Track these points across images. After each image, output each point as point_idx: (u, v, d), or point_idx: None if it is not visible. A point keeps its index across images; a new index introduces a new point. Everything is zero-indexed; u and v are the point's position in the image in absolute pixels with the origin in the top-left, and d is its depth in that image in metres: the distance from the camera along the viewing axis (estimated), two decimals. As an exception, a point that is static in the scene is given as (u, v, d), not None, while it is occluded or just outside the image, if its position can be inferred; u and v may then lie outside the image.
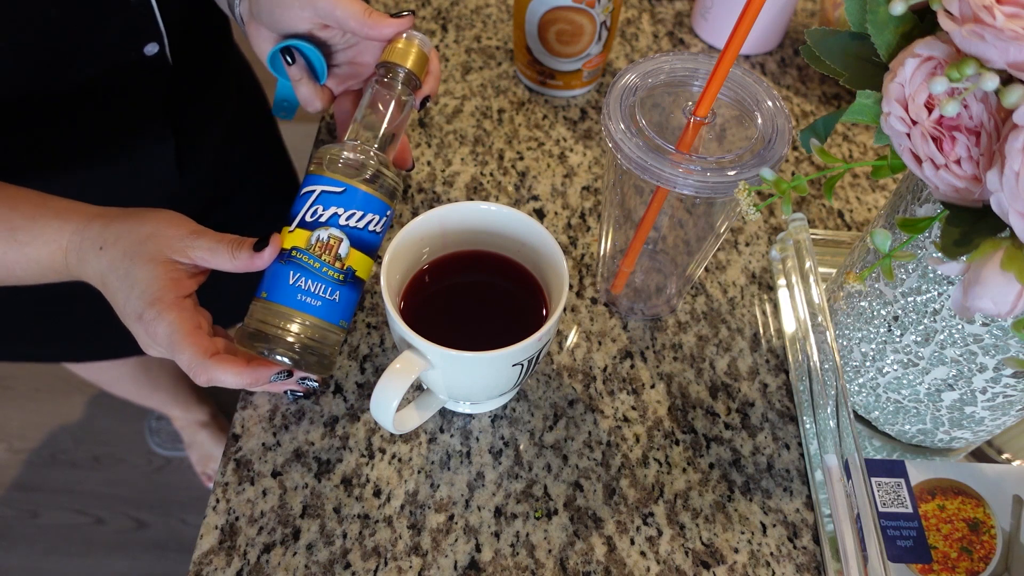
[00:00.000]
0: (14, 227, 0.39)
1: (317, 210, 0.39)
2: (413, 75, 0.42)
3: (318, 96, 0.45)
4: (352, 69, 0.46)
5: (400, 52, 0.41)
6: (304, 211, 0.39)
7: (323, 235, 0.39)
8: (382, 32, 0.41)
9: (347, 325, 0.41)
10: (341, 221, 0.39)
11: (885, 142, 0.31)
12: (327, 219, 0.39)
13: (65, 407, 1.35)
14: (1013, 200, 0.25)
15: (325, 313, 0.39)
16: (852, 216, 0.60)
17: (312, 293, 0.38)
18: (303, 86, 0.44)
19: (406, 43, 0.41)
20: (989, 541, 0.42)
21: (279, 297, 0.38)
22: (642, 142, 0.38)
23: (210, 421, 1.23)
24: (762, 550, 0.43)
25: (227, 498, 0.43)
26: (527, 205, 0.59)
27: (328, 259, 0.39)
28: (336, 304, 0.39)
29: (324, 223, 0.39)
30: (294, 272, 0.38)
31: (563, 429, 0.47)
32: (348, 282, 0.39)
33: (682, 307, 0.53)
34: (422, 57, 0.42)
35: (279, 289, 0.39)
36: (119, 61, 0.51)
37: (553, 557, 0.42)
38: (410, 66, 0.41)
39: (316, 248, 0.38)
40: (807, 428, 0.47)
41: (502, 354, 0.37)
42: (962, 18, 0.26)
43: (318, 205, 0.39)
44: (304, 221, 0.39)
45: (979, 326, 0.36)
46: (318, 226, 0.39)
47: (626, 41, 0.73)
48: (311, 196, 0.39)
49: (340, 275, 0.39)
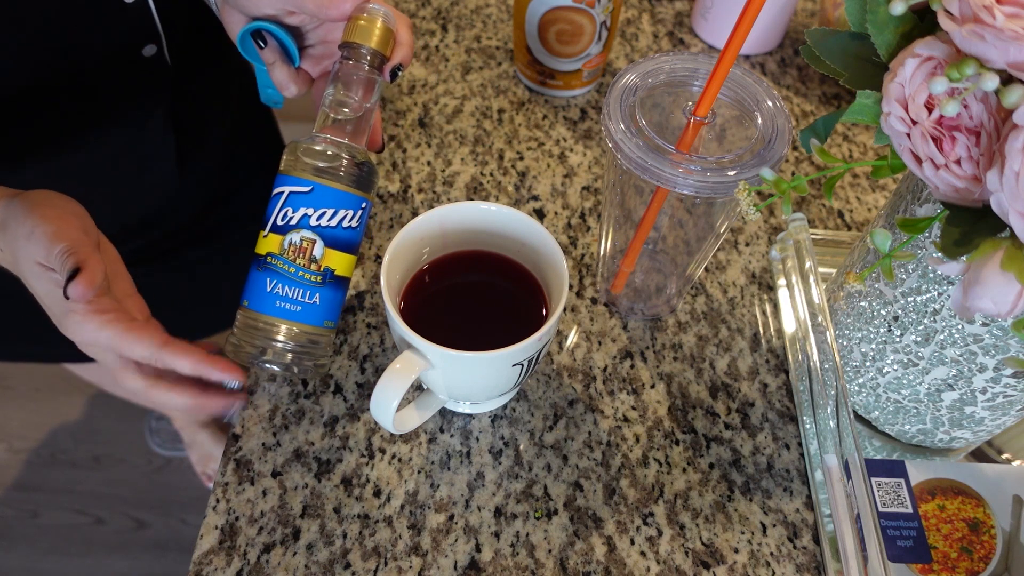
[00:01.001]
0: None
1: (287, 212, 0.37)
2: (377, 53, 0.39)
3: (292, 80, 0.43)
4: (326, 48, 0.44)
5: (361, 30, 0.38)
6: (275, 215, 0.38)
7: (295, 238, 0.37)
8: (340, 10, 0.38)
9: (334, 325, 0.40)
10: (312, 222, 0.37)
11: (885, 142, 0.31)
12: (297, 221, 0.37)
13: (65, 407, 1.35)
14: (1013, 200, 0.25)
15: (307, 317, 0.38)
16: (852, 216, 0.60)
17: (291, 299, 0.37)
18: (277, 70, 0.42)
19: (367, 19, 0.39)
20: (989, 541, 0.42)
21: (259, 306, 0.38)
22: (642, 142, 0.38)
23: (210, 421, 1.23)
24: (762, 550, 0.43)
25: (227, 498, 0.43)
26: (527, 205, 0.59)
27: (303, 262, 0.37)
28: (317, 307, 0.38)
29: (295, 226, 0.37)
30: (271, 279, 0.37)
31: (563, 429, 0.47)
32: (328, 283, 0.38)
33: (682, 307, 0.53)
34: (386, 32, 0.39)
35: (258, 297, 0.38)
36: (117, 62, 0.51)
37: (553, 557, 0.42)
38: (374, 44, 0.39)
39: (290, 252, 0.37)
40: (807, 428, 0.47)
41: (502, 354, 0.37)
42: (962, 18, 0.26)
43: (287, 207, 0.37)
44: (276, 225, 0.38)
45: (979, 326, 0.36)
46: (289, 229, 0.37)
47: (626, 41, 0.73)
48: (280, 198, 0.38)
49: (318, 277, 0.38)
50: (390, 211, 0.58)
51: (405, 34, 0.42)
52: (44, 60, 0.47)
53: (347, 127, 0.39)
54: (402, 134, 0.63)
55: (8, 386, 1.38)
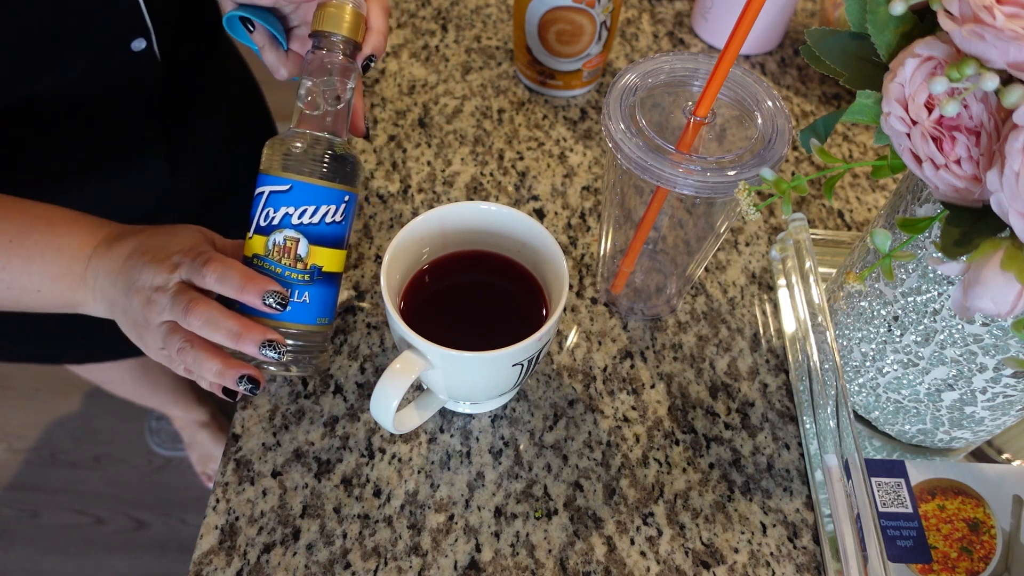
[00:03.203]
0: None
1: (268, 212, 0.37)
2: (349, 40, 0.38)
3: (282, 63, 0.43)
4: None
5: (330, 17, 0.37)
6: (257, 215, 0.37)
7: (279, 238, 0.37)
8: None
9: (328, 321, 0.40)
10: (294, 220, 0.37)
11: (885, 142, 0.31)
12: (280, 221, 0.37)
13: (65, 407, 1.35)
14: (1013, 200, 0.25)
15: (299, 317, 0.38)
16: (852, 216, 0.60)
17: None
18: (267, 53, 0.42)
19: (337, 6, 0.38)
20: (989, 541, 0.42)
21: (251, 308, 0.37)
22: (642, 142, 0.38)
23: (210, 421, 1.23)
24: (762, 550, 0.43)
25: (227, 498, 0.43)
26: (527, 205, 0.59)
27: (288, 262, 0.37)
28: (308, 305, 0.38)
29: (277, 225, 0.37)
30: None
31: (563, 429, 0.47)
32: (316, 281, 0.38)
33: (682, 307, 0.53)
34: (356, 18, 0.38)
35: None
36: (105, 57, 0.50)
37: (553, 557, 0.42)
38: (344, 32, 0.38)
39: (275, 253, 0.37)
40: (807, 428, 0.47)
41: (502, 354, 0.37)
42: (962, 18, 0.26)
43: (269, 207, 0.37)
44: (259, 226, 0.37)
45: (979, 326, 0.36)
46: (272, 229, 0.37)
47: (626, 41, 0.73)
48: (262, 198, 0.37)
49: (305, 276, 0.38)
50: (390, 211, 0.58)
51: (378, 20, 0.41)
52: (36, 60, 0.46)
53: (324, 120, 0.38)
54: (402, 134, 0.63)
55: (8, 386, 1.38)
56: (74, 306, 0.40)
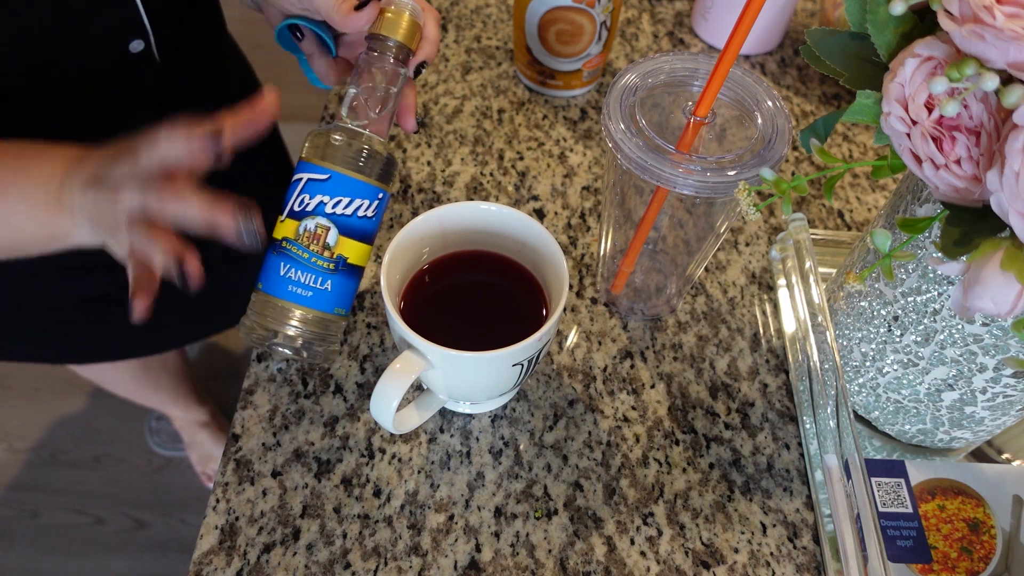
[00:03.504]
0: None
1: (304, 199, 0.38)
2: (403, 46, 0.40)
3: (331, 69, 0.44)
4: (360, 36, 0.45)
5: (388, 23, 0.39)
6: (292, 200, 0.39)
7: (310, 225, 0.38)
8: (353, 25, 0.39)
9: (345, 312, 0.41)
10: (328, 209, 0.38)
11: (885, 142, 0.31)
12: (313, 208, 0.38)
13: (65, 407, 1.35)
14: (1013, 200, 0.25)
15: (318, 303, 0.39)
16: (852, 216, 0.60)
17: (303, 284, 0.38)
18: (316, 61, 0.44)
19: (395, 12, 0.39)
20: (989, 541, 0.42)
21: (272, 288, 0.38)
22: (642, 142, 0.38)
23: (210, 421, 1.23)
24: (762, 550, 0.43)
25: (227, 498, 0.43)
26: (527, 205, 0.59)
27: (316, 249, 0.38)
28: (328, 293, 0.39)
29: (311, 212, 0.38)
30: (284, 263, 0.38)
31: (563, 429, 0.47)
32: (340, 271, 0.39)
33: (682, 307, 0.53)
34: (412, 26, 0.40)
35: (272, 280, 0.39)
36: (103, 58, 0.50)
37: (553, 557, 0.42)
38: (399, 37, 0.39)
39: (304, 238, 0.38)
40: (807, 428, 0.47)
41: (502, 354, 0.37)
42: (962, 18, 0.26)
43: (305, 194, 0.38)
44: (292, 211, 0.38)
45: (979, 326, 0.36)
46: (305, 215, 0.38)
47: (626, 41, 0.73)
48: (299, 184, 0.38)
49: (331, 264, 0.38)
50: (390, 211, 0.58)
51: (432, 30, 0.42)
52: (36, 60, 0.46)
53: (369, 117, 0.40)
54: (402, 134, 0.63)
55: (8, 386, 1.38)
56: (60, 237, 0.39)
